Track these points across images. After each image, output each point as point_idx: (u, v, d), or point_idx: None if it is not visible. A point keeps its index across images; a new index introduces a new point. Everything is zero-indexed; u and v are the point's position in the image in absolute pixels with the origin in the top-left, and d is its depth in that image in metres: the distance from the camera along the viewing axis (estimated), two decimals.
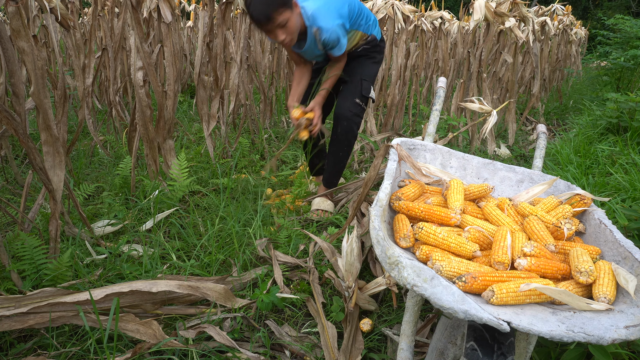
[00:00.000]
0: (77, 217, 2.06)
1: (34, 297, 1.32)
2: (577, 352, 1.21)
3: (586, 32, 8.57)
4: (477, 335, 0.90)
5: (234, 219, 2.08)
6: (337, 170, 2.41)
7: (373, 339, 1.51)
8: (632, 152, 2.77)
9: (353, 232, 1.67)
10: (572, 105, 5.86)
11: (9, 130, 1.40)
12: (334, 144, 2.32)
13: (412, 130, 4.25)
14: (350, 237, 1.65)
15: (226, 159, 3.06)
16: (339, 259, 1.71)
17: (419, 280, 0.86)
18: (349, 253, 1.61)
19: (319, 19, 2.02)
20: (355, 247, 1.63)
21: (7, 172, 2.57)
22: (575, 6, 16.92)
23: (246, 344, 1.42)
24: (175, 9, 2.41)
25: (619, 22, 5.83)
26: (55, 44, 1.94)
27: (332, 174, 2.41)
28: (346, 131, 2.24)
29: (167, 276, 1.61)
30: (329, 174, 2.42)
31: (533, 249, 1.07)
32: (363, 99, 2.27)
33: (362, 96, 2.26)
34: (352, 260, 1.62)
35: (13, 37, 1.42)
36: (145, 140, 2.33)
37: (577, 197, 1.33)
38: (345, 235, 1.66)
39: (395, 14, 3.35)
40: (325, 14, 2.02)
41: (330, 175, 2.42)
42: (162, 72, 2.81)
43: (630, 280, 0.95)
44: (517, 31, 3.35)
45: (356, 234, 1.66)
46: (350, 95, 2.26)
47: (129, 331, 1.32)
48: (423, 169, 1.42)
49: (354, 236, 1.65)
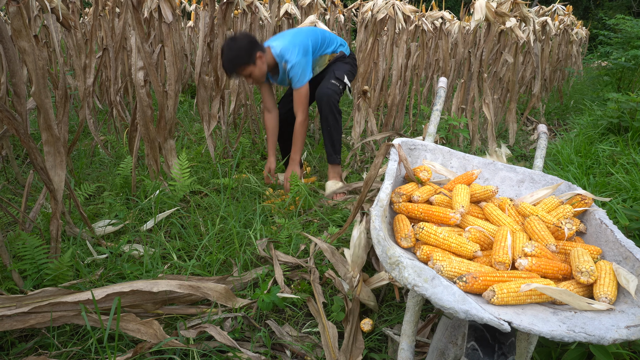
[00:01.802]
0: (78, 217, 2.07)
1: (35, 297, 1.32)
2: (578, 352, 1.21)
3: (587, 32, 8.57)
4: (478, 335, 0.90)
5: (234, 219, 2.08)
6: (333, 145, 2.66)
7: (374, 338, 1.51)
8: (633, 152, 2.77)
9: (362, 224, 1.67)
10: (572, 105, 5.86)
11: (10, 130, 1.41)
12: (323, 122, 2.61)
13: (413, 130, 4.25)
14: (359, 228, 1.65)
15: (227, 159, 3.07)
16: (346, 251, 1.72)
17: (419, 280, 0.86)
18: (358, 243, 1.62)
19: (286, 54, 2.45)
20: (363, 238, 1.63)
21: (8, 172, 2.57)
22: (576, 6, 16.90)
23: (247, 344, 1.42)
24: (176, 9, 2.41)
25: (620, 22, 5.82)
26: (56, 44, 1.94)
27: (330, 150, 2.67)
28: (329, 106, 2.55)
29: (168, 276, 1.61)
30: (329, 151, 2.68)
31: (534, 249, 1.06)
32: (337, 80, 2.61)
33: (335, 78, 2.61)
34: (360, 251, 1.62)
35: (14, 37, 1.42)
36: (146, 140, 2.33)
37: (578, 197, 1.33)
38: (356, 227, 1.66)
39: (396, 14, 3.35)
40: (291, 50, 2.44)
41: (331, 151, 2.67)
42: (162, 72, 2.81)
43: (631, 280, 0.95)
44: (518, 31, 3.35)
45: (364, 226, 1.67)
46: (327, 80, 2.61)
47: (130, 331, 1.32)
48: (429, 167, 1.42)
49: (363, 228, 1.65)
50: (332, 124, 2.59)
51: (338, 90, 2.59)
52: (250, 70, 2.42)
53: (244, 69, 2.41)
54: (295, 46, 2.45)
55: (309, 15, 4.35)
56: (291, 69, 2.46)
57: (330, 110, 2.55)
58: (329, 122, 2.59)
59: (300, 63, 2.45)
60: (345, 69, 2.70)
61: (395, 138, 3.04)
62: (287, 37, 2.53)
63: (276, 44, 2.50)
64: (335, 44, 2.73)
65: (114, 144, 3.32)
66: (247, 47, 2.38)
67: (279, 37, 2.59)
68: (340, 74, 2.63)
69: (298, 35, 2.54)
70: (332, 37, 2.75)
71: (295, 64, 2.44)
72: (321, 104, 2.56)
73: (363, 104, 3.41)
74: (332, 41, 2.72)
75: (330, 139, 2.65)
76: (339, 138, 2.67)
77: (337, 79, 2.60)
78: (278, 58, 2.49)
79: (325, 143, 2.69)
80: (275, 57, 2.49)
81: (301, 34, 2.56)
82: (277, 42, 2.51)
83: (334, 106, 2.56)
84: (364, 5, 3.76)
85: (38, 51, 1.50)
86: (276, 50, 2.48)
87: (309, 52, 2.51)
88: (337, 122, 2.62)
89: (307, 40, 2.52)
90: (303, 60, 2.46)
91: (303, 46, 2.47)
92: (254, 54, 2.39)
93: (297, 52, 2.44)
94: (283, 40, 2.50)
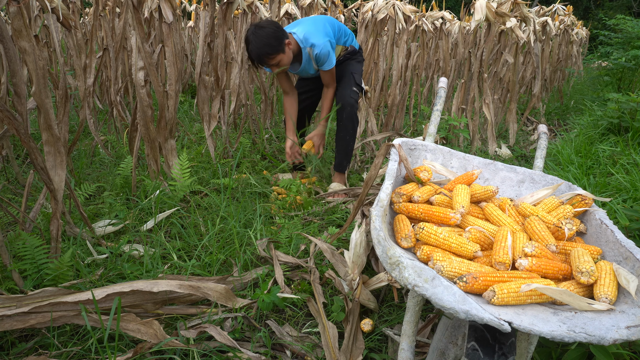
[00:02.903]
0: (78, 217, 2.07)
1: (35, 297, 1.32)
2: (579, 353, 1.21)
3: (587, 32, 8.56)
4: (478, 335, 0.90)
5: (234, 219, 2.08)
6: (346, 154, 2.67)
7: (374, 339, 1.51)
8: (633, 153, 2.77)
9: (362, 225, 1.67)
10: (573, 105, 5.86)
11: (10, 130, 1.41)
12: (340, 129, 2.61)
13: (413, 130, 4.25)
14: (359, 230, 1.65)
15: (227, 159, 3.07)
16: (345, 252, 1.72)
17: (420, 280, 0.86)
18: (358, 244, 1.62)
19: (311, 38, 2.40)
20: (363, 240, 1.63)
21: (9, 172, 2.57)
22: (577, 6, 16.90)
23: (247, 344, 1.42)
24: (177, 9, 2.41)
25: (620, 23, 5.82)
26: (57, 44, 1.94)
27: (341, 158, 2.67)
28: (350, 115, 2.57)
29: (168, 276, 1.61)
30: (340, 158, 2.67)
31: (534, 249, 1.06)
32: (358, 87, 2.63)
33: (357, 84, 2.62)
34: (360, 252, 1.62)
35: (15, 37, 1.42)
36: (147, 140, 2.33)
37: (578, 197, 1.33)
38: (355, 227, 1.66)
39: (396, 14, 3.35)
40: (315, 33, 2.41)
41: (341, 159, 2.68)
42: (163, 72, 2.82)
43: (631, 281, 0.95)
44: (518, 31, 3.35)
45: (364, 228, 1.67)
46: (348, 86, 2.60)
47: (130, 331, 1.32)
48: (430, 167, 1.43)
49: (363, 229, 1.65)
50: (351, 132, 2.61)
51: (358, 98, 2.61)
52: (279, 59, 2.34)
53: (273, 58, 2.33)
54: (318, 31, 2.41)
55: (309, 15, 4.35)
56: (320, 52, 2.40)
57: (351, 119, 2.57)
58: (348, 131, 2.60)
59: (326, 46, 2.39)
60: (359, 68, 2.69)
61: (395, 138, 3.04)
62: (307, 23, 2.48)
63: (298, 30, 2.44)
64: (347, 36, 2.69)
65: (114, 144, 3.32)
66: (276, 34, 2.30)
67: (298, 23, 2.53)
68: (359, 78, 2.64)
69: (318, 22, 2.50)
70: (345, 28, 2.70)
71: (322, 46, 2.38)
72: (342, 112, 2.55)
73: (363, 104, 3.42)
74: (345, 32, 2.68)
75: (344, 147, 2.64)
76: (352, 147, 2.67)
77: (357, 85, 2.60)
78: (302, 43, 2.43)
79: (338, 150, 2.67)
80: (299, 42, 2.43)
81: (319, 21, 2.52)
82: (297, 28, 2.45)
83: (355, 115, 2.58)
84: (365, 5, 3.76)
85: (38, 51, 1.50)
86: (299, 36, 2.42)
87: (332, 36, 2.48)
88: (354, 132, 2.64)
89: (327, 26, 2.50)
90: (329, 44, 2.41)
91: (325, 31, 2.44)
92: (283, 41, 2.32)
93: (323, 35, 2.40)
94: (304, 26, 2.45)
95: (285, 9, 3.68)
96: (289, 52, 2.38)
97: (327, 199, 2.54)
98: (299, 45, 2.45)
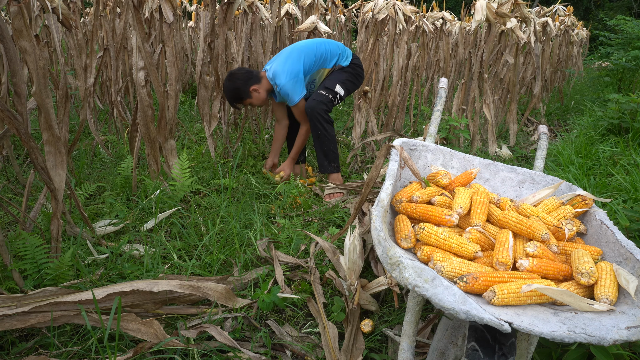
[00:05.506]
0: (78, 217, 2.07)
1: (35, 297, 1.32)
2: (579, 353, 1.21)
3: (588, 33, 8.56)
4: (479, 335, 0.90)
5: (235, 219, 2.08)
6: (325, 153, 2.75)
7: (374, 339, 1.51)
8: (633, 153, 2.77)
9: (355, 230, 1.67)
10: (573, 106, 5.86)
11: (11, 129, 1.41)
12: (313, 132, 2.72)
13: (414, 130, 4.25)
14: (352, 235, 1.65)
15: (227, 159, 3.07)
16: (341, 257, 1.71)
17: (420, 280, 0.86)
18: (352, 251, 1.62)
19: (276, 77, 2.67)
20: (357, 245, 1.63)
21: (9, 172, 2.57)
22: (577, 7, 16.89)
23: (247, 344, 1.42)
24: (177, 9, 2.41)
25: (621, 23, 5.82)
26: (57, 44, 1.94)
27: (321, 159, 2.77)
28: (314, 116, 2.65)
29: (169, 276, 1.61)
30: (320, 159, 2.78)
31: (536, 249, 1.07)
32: (326, 90, 2.71)
33: (325, 88, 2.72)
34: (355, 258, 1.62)
35: (15, 36, 1.42)
36: (147, 140, 2.33)
37: (579, 198, 1.33)
38: (347, 234, 1.66)
39: (397, 14, 3.35)
40: (280, 73, 2.65)
41: (321, 161, 2.78)
42: (163, 72, 2.82)
43: (631, 281, 0.95)
44: (519, 32, 3.35)
45: (358, 232, 1.66)
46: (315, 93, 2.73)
47: (130, 330, 1.32)
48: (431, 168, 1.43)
49: (357, 234, 1.65)
50: (321, 133, 2.69)
51: (325, 100, 2.67)
52: (248, 102, 2.75)
53: (243, 102, 2.75)
54: (283, 71, 2.64)
55: (310, 15, 4.35)
56: (281, 91, 2.68)
57: (317, 119, 2.66)
58: (317, 132, 2.69)
59: (287, 86, 2.63)
60: (341, 78, 2.77)
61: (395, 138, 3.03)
62: (279, 60, 2.71)
63: (270, 67, 2.73)
64: (335, 59, 2.81)
65: (114, 143, 3.32)
66: (241, 85, 2.66)
67: (275, 58, 2.78)
68: (331, 83, 2.73)
69: (290, 58, 2.69)
70: (333, 52, 2.81)
71: (282, 86, 2.64)
72: (308, 115, 2.68)
73: (364, 105, 3.42)
74: (333, 56, 2.81)
75: (321, 148, 2.74)
76: (331, 147, 2.74)
77: (325, 88, 2.71)
78: (271, 81, 2.71)
79: (317, 152, 2.77)
80: (269, 80, 2.72)
81: (293, 56, 2.69)
82: (271, 66, 2.74)
83: (319, 116, 2.65)
84: (365, 5, 3.76)
85: (39, 51, 1.50)
86: (269, 74, 2.72)
87: (297, 75, 2.66)
88: (326, 131, 2.69)
89: (299, 63, 2.68)
90: (290, 84, 2.63)
91: (291, 71, 2.65)
92: (247, 90, 2.68)
93: (285, 76, 2.64)
94: (277, 62, 2.71)
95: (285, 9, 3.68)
96: (258, 95, 2.72)
97: (325, 201, 2.56)
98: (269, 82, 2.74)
